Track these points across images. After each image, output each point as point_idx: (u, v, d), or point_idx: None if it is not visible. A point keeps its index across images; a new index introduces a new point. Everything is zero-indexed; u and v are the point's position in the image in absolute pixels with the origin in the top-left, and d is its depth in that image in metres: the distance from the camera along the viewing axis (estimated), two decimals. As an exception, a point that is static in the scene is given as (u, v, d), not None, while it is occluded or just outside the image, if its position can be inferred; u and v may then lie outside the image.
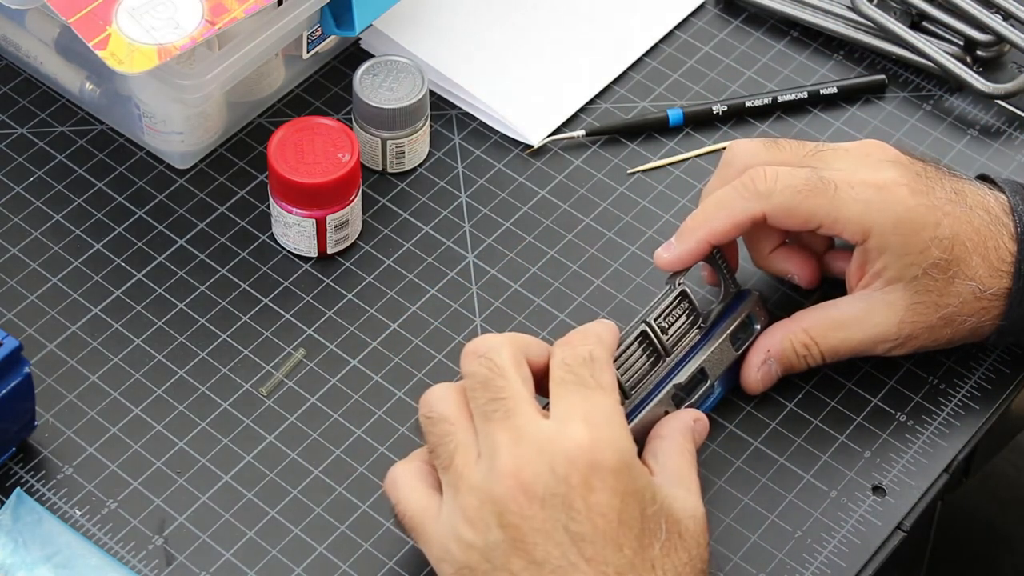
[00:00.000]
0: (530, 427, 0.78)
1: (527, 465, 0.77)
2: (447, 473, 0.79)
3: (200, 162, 1.02)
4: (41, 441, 0.89)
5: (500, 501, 0.77)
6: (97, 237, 0.98)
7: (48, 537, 0.85)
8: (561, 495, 0.76)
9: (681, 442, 0.84)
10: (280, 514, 0.87)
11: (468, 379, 0.80)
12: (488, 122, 1.05)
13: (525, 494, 0.76)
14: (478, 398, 0.79)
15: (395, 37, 1.07)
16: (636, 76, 1.08)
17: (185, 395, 0.92)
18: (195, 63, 0.96)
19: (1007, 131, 1.06)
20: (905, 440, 0.91)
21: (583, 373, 0.80)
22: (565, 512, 0.76)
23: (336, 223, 0.96)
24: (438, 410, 0.81)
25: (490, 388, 0.79)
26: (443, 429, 0.80)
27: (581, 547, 0.76)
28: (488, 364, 0.80)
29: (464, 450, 0.79)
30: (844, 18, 1.10)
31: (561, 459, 0.77)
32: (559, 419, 0.78)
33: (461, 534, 0.78)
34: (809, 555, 0.87)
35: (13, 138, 1.02)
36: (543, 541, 0.76)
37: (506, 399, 0.79)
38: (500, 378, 0.79)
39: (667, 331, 0.89)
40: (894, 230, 0.88)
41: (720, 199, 0.89)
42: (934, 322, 0.89)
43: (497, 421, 0.78)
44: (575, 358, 0.81)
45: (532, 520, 0.76)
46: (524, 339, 0.83)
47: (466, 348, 0.81)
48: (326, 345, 0.94)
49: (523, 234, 1.00)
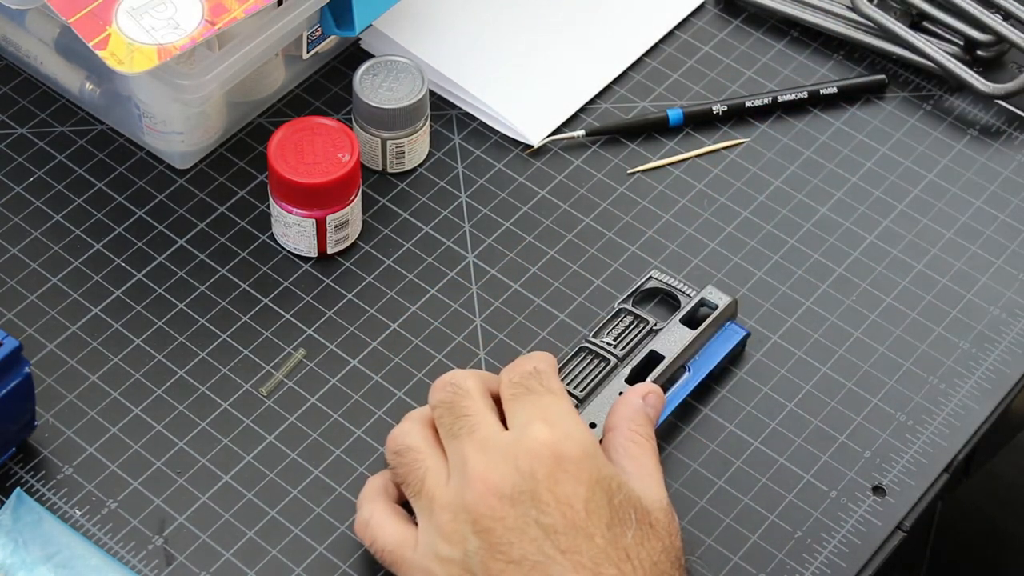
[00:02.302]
0: (495, 437, 0.80)
1: (494, 468, 0.79)
2: (419, 498, 0.81)
3: (200, 162, 1.02)
4: (41, 441, 0.89)
5: (472, 508, 0.78)
6: (97, 237, 0.98)
7: (48, 537, 0.85)
8: (529, 491, 0.78)
9: (635, 429, 0.84)
10: (280, 514, 0.87)
11: (436, 408, 0.83)
12: (488, 122, 1.05)
13: (495, 495, 0.78)
14: (445, 421, 0.82)
15: (395, 37, 1.07)
16: (636, 76, 1.08)
17: (185, 395, 0.92)
18: (195, 63, 0.96)
19: (1007, 131, 1.06)
20: (905, 440, 0.91)
21: (531, 383, 0.83)
22: (535, 507, 0.78)
23: (336, 223, 0.96)
24: (405, 442, 0.83)
25: (455, 409, 0.82)
26: (411, 458, 0.82)
27: (555, 539, 0.77)
28: (454, 390, 0.83)
29: (434, 474, 0.81)
30: (844, 18, 1.10)
31: (525, 456, 0.79)
32: (518, 425, 0.81)
33: (440, 552, 0.79)
34: (809, 555, 0.87)
35: (13, 138, 1.02)
36: (517, 539, 0.78)
37: (470, 416, 0.82)
38: (465, 399, 0.82)
39: (613, 344, 0.91)
40: None
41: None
42: None
43: (464, 437, 0.81)
44: (520, 374, 0.84)
45: (504, 520, 0.78)
46: (488, 375, 0.85)
47: (435, 383, 0.84)
48: (326, 345, 0.94)
49: (523, 234, 1.00)
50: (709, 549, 0.86)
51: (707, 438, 0.91)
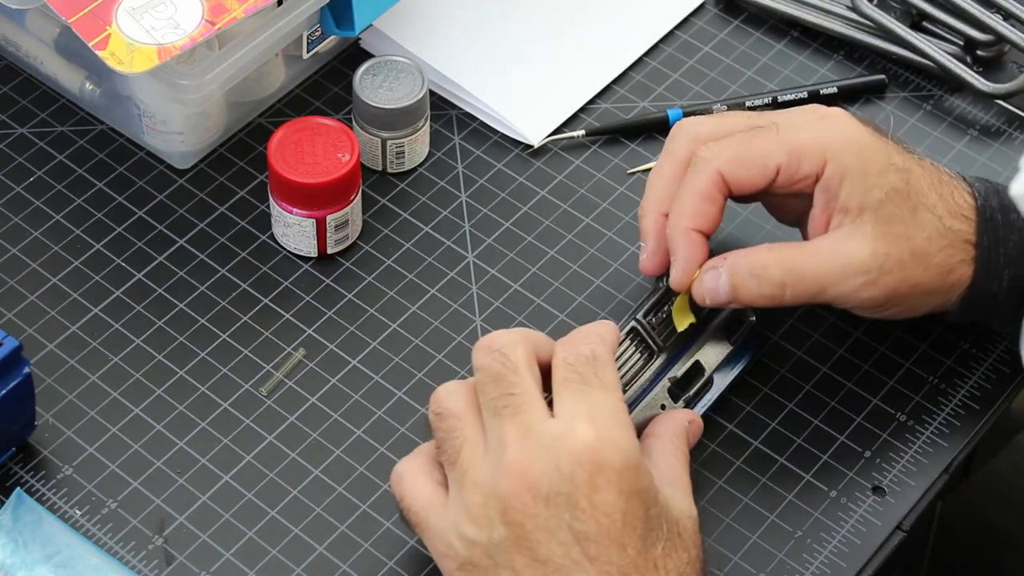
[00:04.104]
0: (538, 425, 0.78)
1: (533, 463, 0.77)
2: (453, 468, 0.79)
3: (200, 162, 1.02)
4: (41, 441, 0.89)
5: (505, 498, 0.77)
6: (97, 237, 0.98)
7: (48, 537, 0.85)
8: (566, 494, 0.76)
9: (676, 443, 0.84)
10: (280, 514, 0.87)
11: (480, 373, 0.80)
12: (488, 122, 1.05)
13: (530, 492, 0.76)
14: (489, 392, 0.79)
15: (395, 37, 1.07)
16: (636, 76, 1.08)
17: (185, 395, 0.92)
18: (195, 63, 0.96)
19: (1007, 131, 1.06)
20: (905, 440, 0.91)
21: (586, 372, 0.80)
22: (569, 511, 0.76)
23: (336, 223, 0.96)
24: (446, 406, 0.81)
25: (501, 383, 0.79)
26: (451, 424, 0.80)
27: (584, 546, 0.76)
28: (502, 359, 0.80)
29: (471, 445, 0.79)
30: (844, 18, 1.10)
31: (567, 458, 0.77)
32: (565, 418, 0.78)
33: (464, 530, 0.78)
34: (809, 555, 0.87)
35: (13, 138, 1.02)
36: (546, 539, 0.76)
37: (516, 395, 0.79)
38: (512, 374, 0.79)
39: (657, 327, 0.89)
40: (850, 151, 0.86)
41: (670, 181, 0.89)
42: (906, 256, 0.86)
43: (507, 417, 0.78)
44: (577, 357, 0.80)
45: (536, 518, 0.76)
46: (536, 337, 0.82)
47: (479, 342, 0.81)
48: (326, 345, 0.94)
49: (523, 234, 1.00)
50: (709, 549, 0.86)
51: (707, 438, 0.91)
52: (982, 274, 0.88)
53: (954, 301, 0.89)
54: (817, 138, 0.87)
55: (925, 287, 0.87)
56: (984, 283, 0.88)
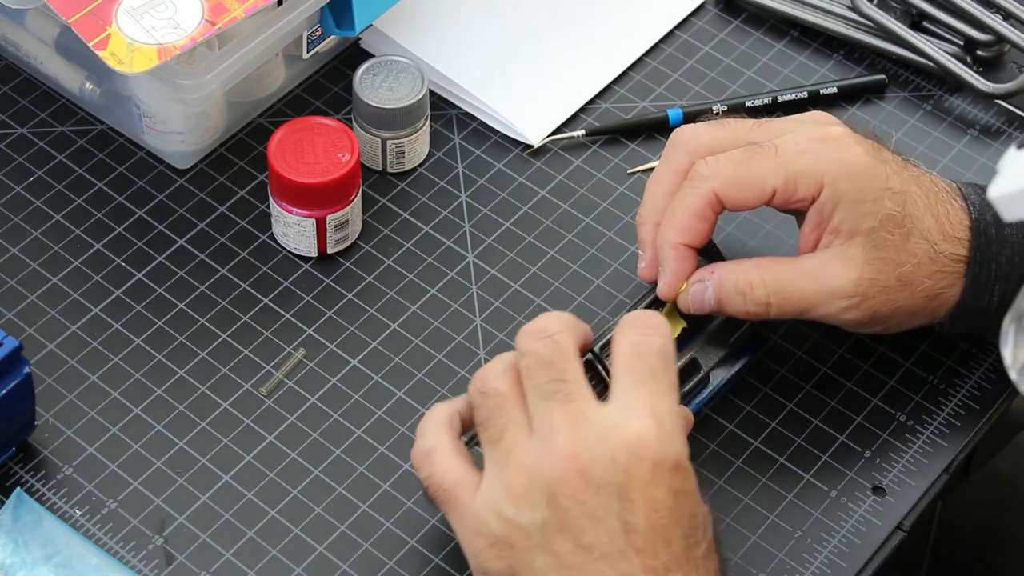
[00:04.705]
0: (591, 413, 0.77)
1: (586, 450, 0.76)
2: (495, 448, 0.79)
3: (200, 162, 1.02)
4: (41, 441, 0.89)
5: (553, 482, 0.76)
6: (97, 237, 0.98)
7: (48, 537, 0.85)
8: (618, 484, 0.76)
9: None
10: (280, 514, 0.87)
11: (528, 357, 0.80)
12: (488, 122, 1.05)
13: (581, 477, 0.76)
14: (537, 377, 0.79)
15: (395, 37, 1.07)
16: (636, 76, 1.08)
17: (185, 395, 0.92)
18: (195, 63, 0.96)
19: (1007, 131, 1.06)
20: (905, 440, 0.91)
21: (656, 367, 0.79)
22: (620, 502, 0.76)
23: (336, 223, 0.96)
24: (494, 386, 0.80)
25: (553, 369, 0.79)
26: (496, 404, 0.80)
27: (631, 537, 0.76)
28: (553, 345, 0.79)
29: (515, 428, 0.79)
30: (844, 18, 1.10)
31: (623, 450, 0.76)
32: (623, 408, 0.78)
33: (503, 510, 0.77)
34: (809, 555, 0.87)
35: (13, 138, 1.02)
36: (592, 527, 0.76)
37: (568, 382, 0.78)
38: (564, 360, 0.79)
39: None
40: (847, 177, 0.86)
41: (667, 191, 0.89)
42: (892, 282, 0.87)
43: (557, 402, 0.78)
44: (648, 347, 0.80)
45: (585, 505, 0.76)
46: (581, 326, 0.82)
47: (527, 328, 0.81)
48: (326, 345, 0.94)
49: (523, 234, 1.00)
50: (709, 549, 0.86)
51: (707, 438, 0.91)
52: (970, 291, 0.88)
53: (942, 317, 0.90)
54: (816, 163, 0.87)
55: (909, 309, 0.88)
56: (973, 300, 0.88)
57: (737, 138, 0.89)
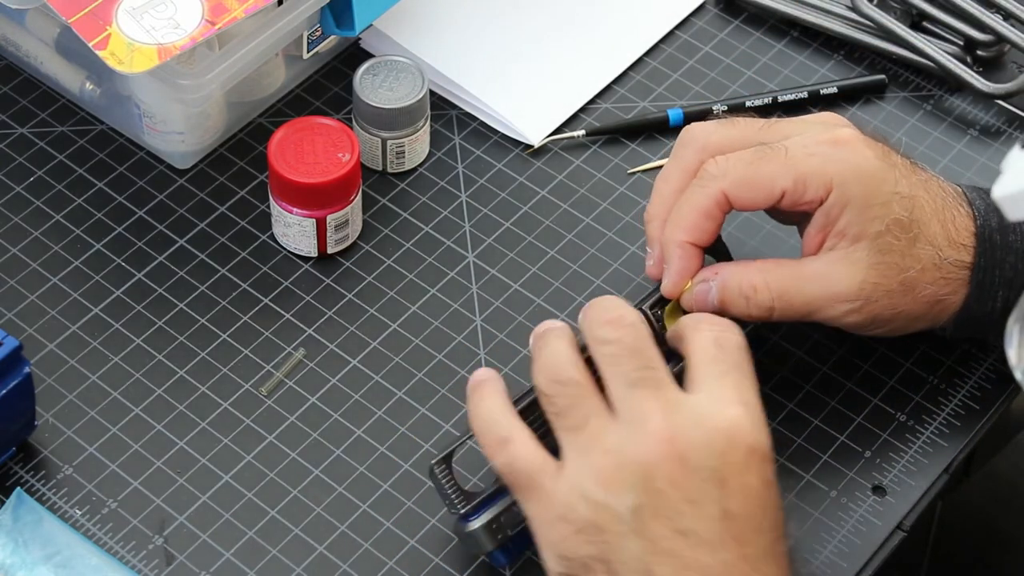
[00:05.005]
0: (683, 400, 0.78)
1: (683, 434, 0.76)
2: (579, 434, 0.78)
3: (200, 162, 1.02)
4: (41, 441, 0.89)
5: (648, 465, 0.76)
6: (97, 237, 0.98)
7: (48, 537, 0.85)
8: (716, 469, 0.76)
9: None
10: (280, 514, 0.87)
11: (611, 345, 0.79)
12: (488, 122, 1.05)
13: (679, 460, 0.76)
14: (623, 364, 0.79)
15: (395, 37, 1.07)
16: (636, 76, 1.08)
17: (185, 395, 0.92)
18: (195, 63, 0.96)
19: (1007, 131, 1.06)
20: (905, 440, 0.91)
21: (740, 359, 0.80)
22: (718, 487, 0.76)
23: (336, 223, 0.96)
24: (569, 374, 0.80)
25: (640, 357, 0.79)
26: (576, 392, 0.79)
27: (729, 524, 0.76)
28: (635, 333, 0.79)
29: (599, 414, 0.78)
30: (844, 18, 1.10)
31: (719, 436, 0.76)
32: (715, 397, 0.78)
33: (590, 493, 0.77)
34: (809, 555, 0.87)
35: (13, 138, 1.02)
36: (691, 511, 0.76)
37: (656, 369, 0.79)
38: (649, 348, 0.79)
39: (660, 319, 0.89)
40: (856, 180, 0.86)
41: (676, 189, 0.89)
42: (895, 287, 0.87)
43: (647, 389, 0.78)
44: (730, 342, 0.80)
45: (683, 488, 0.76)
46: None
47: (595, 316, 0.81)
48: (326, 345, 0.94)
49: (523, 234, 1.00)
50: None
51: (707, 438, 0.91)
52: (974, 298, 0.88)
53: (944, 322, 0.90)
54: (825, 166, 0.86)
55: (911, 314, 0.88)
56: (976, 306, 0.88)
57: (747, 138, 0.89)
